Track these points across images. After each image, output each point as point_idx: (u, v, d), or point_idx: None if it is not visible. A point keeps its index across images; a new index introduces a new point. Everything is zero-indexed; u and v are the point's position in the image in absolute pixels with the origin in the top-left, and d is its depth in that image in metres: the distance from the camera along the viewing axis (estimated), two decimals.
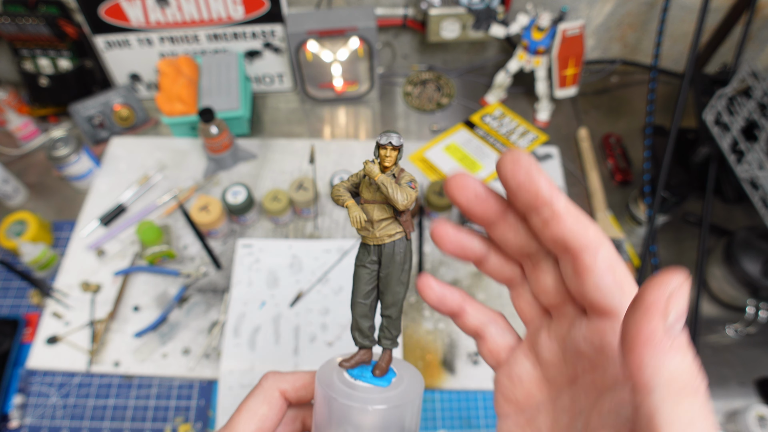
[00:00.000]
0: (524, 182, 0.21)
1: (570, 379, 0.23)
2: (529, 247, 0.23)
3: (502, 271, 0.26)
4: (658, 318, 0.16)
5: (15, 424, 0.70)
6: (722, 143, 0.78)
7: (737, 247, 0.74)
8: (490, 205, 0.23)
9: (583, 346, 0.21)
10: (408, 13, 0.97)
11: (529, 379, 0.24)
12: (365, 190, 0.26)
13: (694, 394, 0.16)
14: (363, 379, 0.27)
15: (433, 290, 0.26)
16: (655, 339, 0.16)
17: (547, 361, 0.24)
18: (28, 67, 0.95)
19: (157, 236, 0.78)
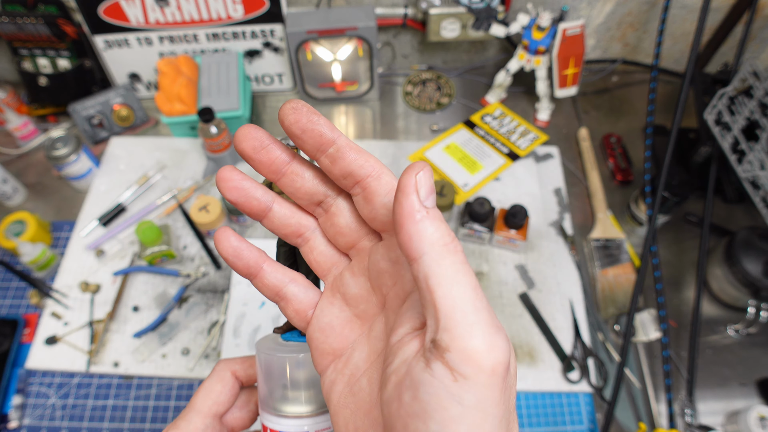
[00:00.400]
0: (308, 127, 0.23)
1: (380, 306, 0.25)
2: (318, 194, 0.26)
3: (289, 224, 0.26)
4: (412, 195, 0.20)
5: (14, 425, 0.70)
6: (723, 143, 0.78)
7: (738, 247, 0.73)
8: (276, 155, 0.25)
9: (382, 264, 0.24)
10: (408, 13, 0.96)
11: (340, 323, 0.26)
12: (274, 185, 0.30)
13: (455, 252, 0.20)
14: (294, 339, 0.30)
15: (229, 242, 0.26)
16: (413, 212, 0.20)
17: (355, 297, 0.25)
18: (27, 67, 0.95)
19: (157, 236, 0.78)
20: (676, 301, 0.80)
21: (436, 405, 0.19)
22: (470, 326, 0.19)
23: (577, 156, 0.96)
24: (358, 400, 0.24)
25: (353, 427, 0.24)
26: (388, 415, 0.21)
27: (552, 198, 0.89)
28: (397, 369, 0.21)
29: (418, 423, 0.19)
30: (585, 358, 0.74)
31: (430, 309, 0.19)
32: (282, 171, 0.25)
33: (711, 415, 0.70)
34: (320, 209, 0.26)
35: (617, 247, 0.83)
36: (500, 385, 0.19)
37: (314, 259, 0.27)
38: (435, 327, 0.19)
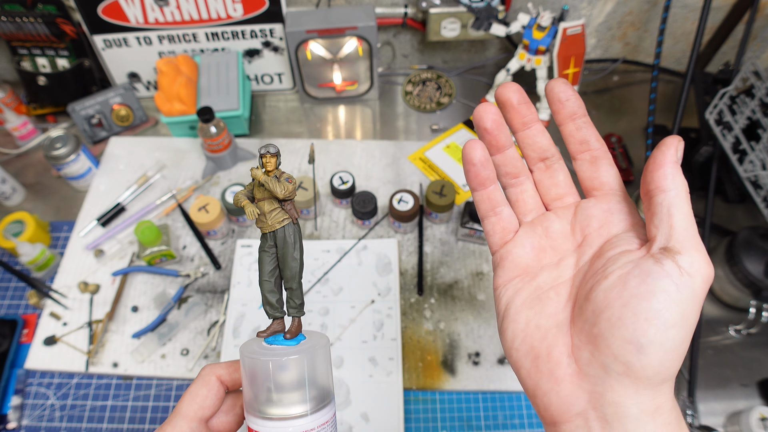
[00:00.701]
0: (572, 97, 0.31)
1: (575, 244, 0.31)
2: (548, 152, 0.33)
3: (516, 165, 0.33)
4: (673, 151, 0.26)
5: (12, 426, 0.70)
6: (724, 143, 0.78)
7: (739, 248, 0.73)
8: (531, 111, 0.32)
9: (594, 211, 0.31)
10: (408, 12, 0.96)
11: (538, 247, 0.32)
12: (257, 191, 0.33)
13: (688, 196, 0.26)
14: (277, 342, 0.32)
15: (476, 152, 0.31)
16: (673, 161, 0.26)
17: (556, 232, 0.32)
18: (26, 66, 0.95)
19: (156, 236, 0.78)
20: None
21: (663, 288, 0.24)
22: (698, 245, 0.25)
23: None
24: (545, 305, 0.30)
25: (535, 324, 0.30)
26: (605, 298, 0.26)
27: None
28: (623, 266, 0.26)
29: (641, 300, 0.25)
30: None
31: (665, 228, 0.26)
32: (529, 125, 0.32)
33: (712, 415, 0.70)
34: (542, 164, 0.33)
35: None
36: (705, 290, 0.25)
37: (522, 198, 0.33)
38: (667, 239, 0.25)
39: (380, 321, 0.76)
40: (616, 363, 0.25)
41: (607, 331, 0.26)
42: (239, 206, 0.33)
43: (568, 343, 0.28)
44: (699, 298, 0.25)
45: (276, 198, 0.32)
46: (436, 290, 0.80)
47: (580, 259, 0.30)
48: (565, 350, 0.28)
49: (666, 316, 0.24)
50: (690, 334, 0.25)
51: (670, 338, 0.24)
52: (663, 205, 0.26)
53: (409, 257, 0.83)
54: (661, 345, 0.24)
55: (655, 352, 0.24)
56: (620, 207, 0.30)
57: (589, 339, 0.27)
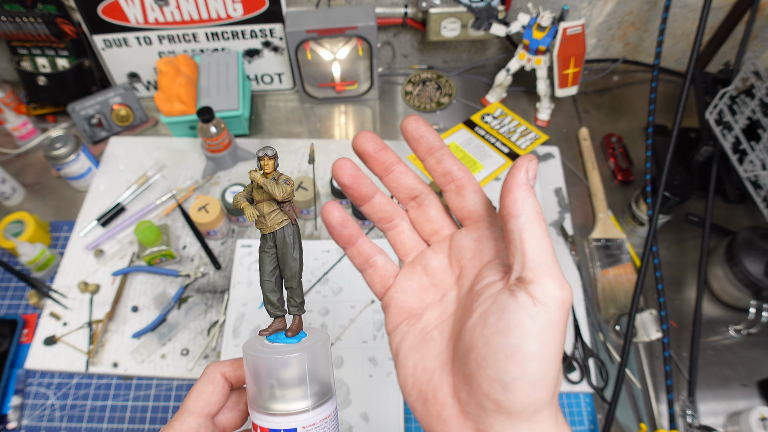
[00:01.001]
0: (425, 133, 0.32)
1: (455, 277, 0.32)
2: (416, 190, 0.33)
3: (385, 210, 0.34)
4: (523, 173, 0.27)
5: (13, 426, 0.70)
6: (724, 143, 0.78)
7: (739, 248, 0.73)
8: (389, 156, 0.33)
9: (465, 242, 0.31)
10: (408, 12, 0.96)
11: (419, 288, 0.33)
12: (255, 193, 0.33)
13: (542, 219, 0.26)
14: (279, 341, 0.33)
15: (334, 215, 0.32)
16: (522, 184, 0.26)
17: (435, 269, 0.33)
18: (26, 66, 0.95)
19: (156, 236, 0.78)
20: (677, 301, 0.80)
21: (517, 323, 0.25)
22: (550, 269, 0.25)
23: (577, 156, 0.96)
24: (429, 347, 0.30)
25: (422, 367, 0.30)
26: (471, 338, 0.27)
27: (552, 198, 0.89)
28: (483, 302, 0.27)
29: (499, 338, 0.25)
30: (586, 359, 0.74)
31: (519, 255, 0.26)
32: (391, 169, 0.33)
33: (712, 415, 0.70)
34: (414, 203, 0.34)
35: (618, 247, 0.82)
36: (565, 315, 0.25)
37: (400, 240, 0.34)
38: (521, 268, 0.25)
39: (380, 321, 0.76)
40: (488, 401, 0.26)
41: (475, 371, 0.26)
42: (239, 208, 0.33)
43: (450, 383, 0.29)
44: (556, 325, 0.25)
45: (275, 200, 0.32)
46: None
47: (460, 292, 0.31)
48: (449, 390, 0.28)
49: (524, 351, 0.24)
50: (555, 363, 0.25)
51: (532, 372, 0.24)
52: (515, 232, 0.26)
53: None
54: (523, 380, 0.24)
55: (520, 387, 0.25)
56: (488, 234, 0.31)
57: (464, 378, 0.27)
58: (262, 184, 0.32)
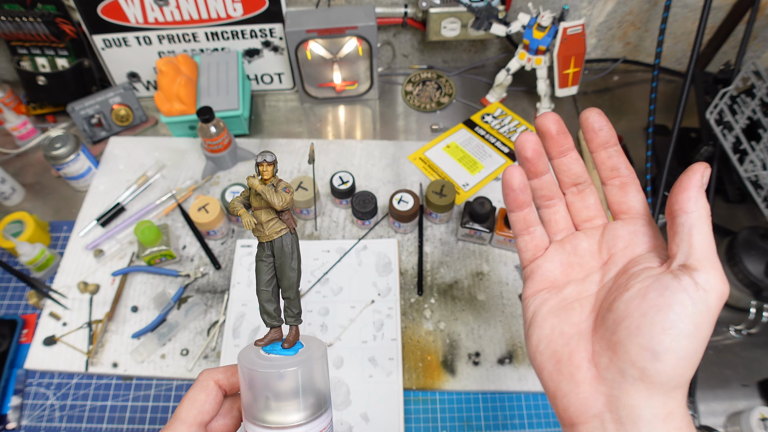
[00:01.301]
0: (604, 127, 0.34)
1: (601, 262, 0.34)
2: (580, 178, 0.36)
3: (550, 188, 0.36)
4: (699, 176, 0.29)
5: (12, 426, 0.70)
6: (725, 143, 0.78)
7: (740, 248, 0.73)
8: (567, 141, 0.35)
9: (621, 232, 0.33)
10: (408, 12, 0.96)
11: (566, 263, 0.35)
12: (253, 200, 0.32)
13: (710, 219, 0.29)
14: (275, 352, 0.32)
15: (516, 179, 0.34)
16: (698, 185, 0.29)
17: (584, 250, 0.35)
18: (25, 66, 0.95)
19: (156, 236, 0.78)
20: None
21: (678, 301, 0.27)
22: (715, 263, 0.28)
23: None
24: (569, 314, 0.32)
25: (559, 330, 0.32)
26: (626, 308, 0.28)
27: None
28: (643, 280, 0.29)
29: (658, 311, 0.27)
30: None
31: (685, 246, 0.28)
32: (565, 153, 0.35)
33: (712, 416, 0.70)
34: (575, 189, 0.36)
35: None
36: (720, 306, 0.27)
37: (555, 219, 0.36)
38: (686, 257, 0.28)
39: (380, 321, 0.76)
40: (633, 368, 0.27)
41: (625, 338, 0.28)
42: (235, 215, 0.33)
43: (589, 349, 0.30)
44: (713, 312, 0.27)
45: (271, 207, 0.32)
46: (436, 290, 0.80)
47: (605, 276, 0.33)
48: (586, 355, 0.30)
49: (681, 327, 0.26)
50: (703, 346, 0.27)
51: (684, 347, 0.26)
52: (684, 225, 0.28)
53: (409, 257, 0.83)
54: (674, 353, 0.26)
55: (669, 359, 0.26)
56: (645, 230, 0.33)
57: (608, 345, 0.29)
58: (261, 192, 0.31)
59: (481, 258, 0.83)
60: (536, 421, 0.70)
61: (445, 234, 0.85)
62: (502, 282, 0.80)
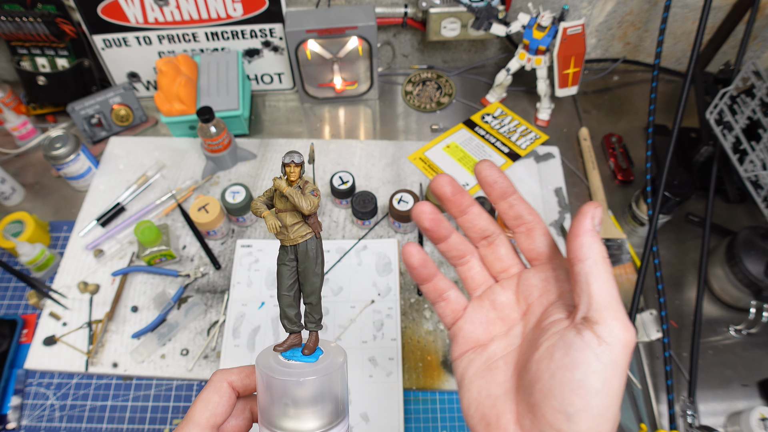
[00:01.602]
0: (499, 179, 0.33)
1: (521, 313, 0.33)
2: (488, 230, 0.35)
3: (459, 249, 0.36)
4: (590, 219, 0.28)
5: (12, 426, 0.70)
6: (725, 143, 0.78)
7: (740, 248, 0.73)
8: (465, 199, 0.34)
9: (533, 281, 0.33)
10: (408, 12, 0.96)
11: (487, 320, 0.34)
12: (277, 201, 0.31)
13: (607, 263, 0.28)
14: (294, 358, 0.31)
15: (414, 258, 0.34)
16: (588, 230, 0.28)
17: (502, 304, 0.34)
18: (25, 66, 0.95)
19: (156, 236, 0.78)
20: (677, 301, 0.80)
21: (583, 359, 0.26)
22: (615, 311, 0.27)
23: (577, 156, 0.96)
24: (494, 375, 0.32)
25: (486, 393, 0.32)
26: (537, 370, 0.28)
27: (552, 198, 0.89)
28: (550, 338, 0.28)
29: (565, 372, 0.27)
30: None
31: (585, 297, 0.27)
32: (466, 211, 0.35)
33: (712, 415, 0.70)
34: (485, 242, 0.35)
35: (618, 247, 0.82)
36: (628, 355, 0.27)
37: (470, 275, 0.36)
38: (587, 309, 0.27)
39: (380, 321, 0.76)
40: (551, 430, 0.27)
41: (540, 401, 0.28)
42: (258, 215, 0.32)
43: (514, 410, 0.30)
44: (620, 364, 0.26)
45: (299, 211, 0.31)
46: None
47: (526, 327, 0.33)
48: (512, 417, 0.30)
49: (589, 386, 0.26)
50: (617, 400, 0.27)
51: (596, 405, 0.26)
52: (581, 275, 0.28)
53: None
54: (587, 413, 0.26)
55: (583, 419, 0.26)
56: (555, 275, 0.32)
57: (528, 407, 0.29)
58: (288, 194, 0.30)
59: None
60: None
61: None
62: None
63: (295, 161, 0.30)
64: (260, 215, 0.32)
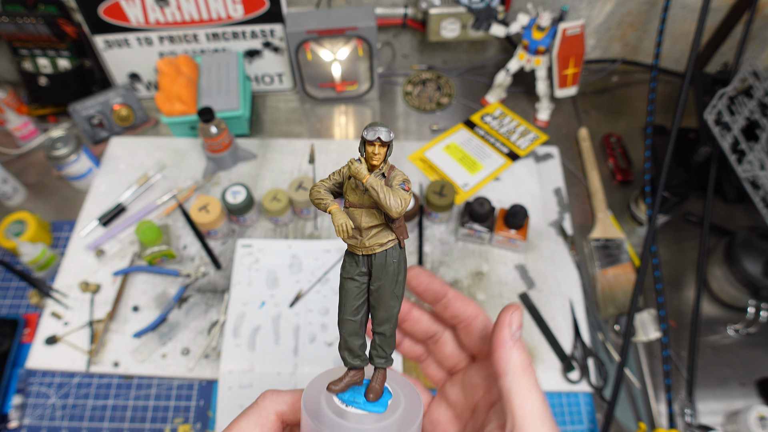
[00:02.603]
0: (429, 285, 0.33)
1: (472, 410, 0.32)
2: (431, 331, 0.35)
3: (412, 351, 0.36)
4: (507, 329, 0.28)
5: (14, 425, 0.70)
6: (723, 143, 0.78)
7: (738, 247, 0.73)
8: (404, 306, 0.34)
9: (476, 379, 0.32)
10: (408, 13, 0.96)
11: (445, 419, 0.34)
12: (351, 193, 0.23)
13: (530, 374, 0.27)
14: (355, 405, 0.24)
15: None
16: (506, 341, 0.27)
17: (454, 402, 0.33)
18: (27, 67, 0.95)
19: (157, 236, 0.78)
20: (675, 301, 0.80)
21: None
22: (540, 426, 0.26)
23: (577, 156, 0.96)
24: None
25: None
26: None
27: (552, 198, 0.89)
28: None
29: None
30: (585, 358, 0.74)
31: (509, 414, 0.27)
32: (406, 318, 0.35)
33: (711, 415, 0.70)
34: (431, 341, 0.36)
35: (617, 247, 0.83)
36: None
37: (430, 373, 0.36)
38: (512, 425, 0.26)
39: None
40: None
41: None
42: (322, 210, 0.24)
43: None
44: None
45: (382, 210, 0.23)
46: None
47: (475, 425, 0.32)
48: None
49: None
50: None
51: None
52: (503, 390, 0.27)
53: (409, 257, 0.83)
54: None
55: None
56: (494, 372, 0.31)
57: None
58: (370, 186, 0.22)
59: (481, 258, 0.83)
60: None
61: (445, 234, 0.86)
62: (502, 282, 0.81)
63: (382, 138, 0.22)
64: (324, 209, 0.23)
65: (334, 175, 0.24)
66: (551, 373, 0.73)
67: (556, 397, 0.72)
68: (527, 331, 0.77)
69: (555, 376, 0.73)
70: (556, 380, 0.73)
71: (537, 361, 0.74)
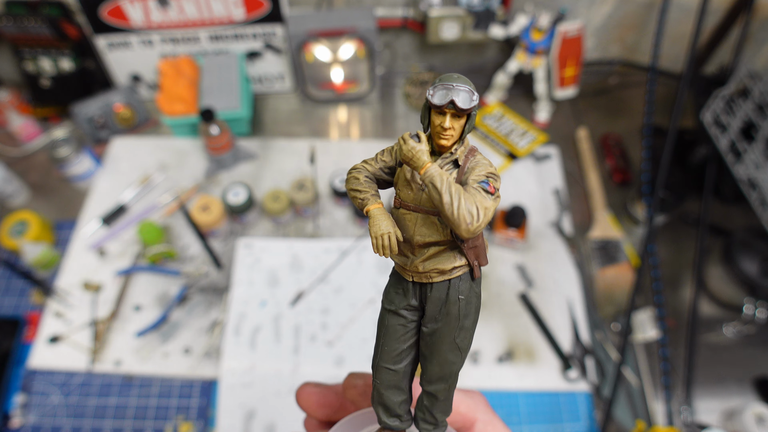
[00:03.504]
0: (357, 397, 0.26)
1: None
2: None
3: None
4: None
5: (17, 423, 0.71)
6: (720, 144, 0.79)
7: (735, 247, 0.74)
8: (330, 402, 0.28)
9: None
10: (408, 14, 0.97)
11: None
12: (403, 186, 0.17)
13: None
14: None
15: None
16: None
17: None
18: (29, 68, 0.96)
19: (158, 236, 0.79)
20: (673, 300, 0.80)
21: None
22: None
23: (575, 156, 0.96)
24: None
25: None
26: None
27: (551, 198, 0.90)
28: None
29: None
30: (583, 357, 0.74)
31: None
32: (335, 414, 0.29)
33: (708, 413, 0.71)
34: None
35: (615, 246, 0.83)
36: None
37: None
38: None
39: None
40: None
41: None
42: (360, 207, 0.17)
43: None
44: None
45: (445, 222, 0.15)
46: None
47: None
48: None
49: None
50: None
51: None
52: None
53: None
54: None
55: None
56: None
57: None
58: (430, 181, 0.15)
59: None
60: (534, 418, 0.71)
61: None
62: (501, 281, 0.81)
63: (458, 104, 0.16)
64: (360, 207, 0.17)
65: (383, 155, 0.17)
66: (550, 372, 0.74)
67: (554, 395, 0.73)
68: (527, 329, 0.77)
69: (554, 375, 0.73)
70: (555, 379, 0.73)
71: (536, 361, 0.75)
